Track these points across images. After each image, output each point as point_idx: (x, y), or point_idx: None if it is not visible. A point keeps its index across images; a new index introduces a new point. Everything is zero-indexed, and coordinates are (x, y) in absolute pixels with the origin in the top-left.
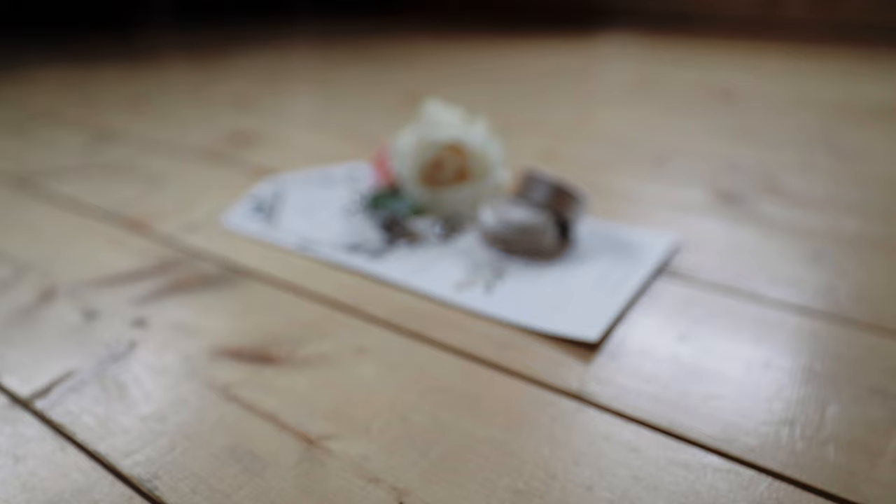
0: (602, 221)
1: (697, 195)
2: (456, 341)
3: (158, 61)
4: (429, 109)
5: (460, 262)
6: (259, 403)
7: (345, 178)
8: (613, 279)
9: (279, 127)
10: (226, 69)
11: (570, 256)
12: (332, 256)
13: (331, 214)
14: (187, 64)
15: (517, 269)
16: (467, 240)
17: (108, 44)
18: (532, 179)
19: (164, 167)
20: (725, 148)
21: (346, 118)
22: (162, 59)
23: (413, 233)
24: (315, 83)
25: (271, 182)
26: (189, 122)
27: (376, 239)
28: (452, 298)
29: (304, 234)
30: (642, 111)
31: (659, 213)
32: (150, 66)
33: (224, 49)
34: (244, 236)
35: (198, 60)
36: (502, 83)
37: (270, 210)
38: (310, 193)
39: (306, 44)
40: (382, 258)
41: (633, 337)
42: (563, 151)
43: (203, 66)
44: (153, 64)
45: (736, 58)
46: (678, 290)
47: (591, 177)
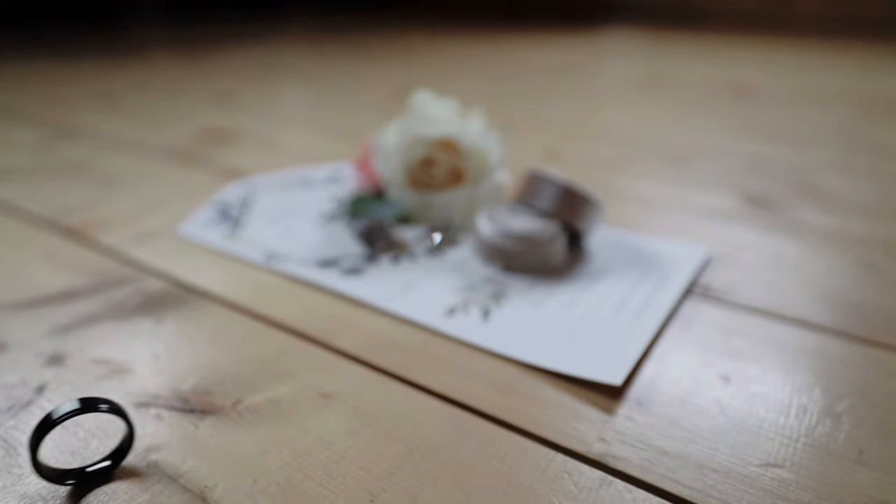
0: (617, 230)
1: (724, 199)
2: (445, 385)
3: (141, 57)
4: (418, 101)
5: (452, 280)
6: (187, 475)
7: (325, 180)
8: (637, 302)
9: (261, 125)
10: (211, 65)
11: (582, 273)
12: (301, 273)
13: (305, 223)
14: (171, 60)
15: (520, 289)
16: (461, 253)
17: (91, 39)
18: (537, 182)
19: (123, 168)
20: (749, 146)
21: (335, 115)
22: (145, 54)
23: (397, 244)
24: (304, 79)
25: (241, 185)
26: (163, 119)
27: (355, 252)
28: (441, 327)
29: (272, 246)
30: (653, 108)
31: (682, 221)
32: (130, 61)
33: (213, 45)
34: (202, 248)
35: (183, 56)
36: (501, 79)
37: (237, 218)
38: (284, 198)
39: (300, 39)
40: (360, 275)
41: (664, 377)
42: (568, 151)
43: (187, 61)
44: (134, 59)
45: (748, 52)
46: (713, 314)
47: (601, 179)
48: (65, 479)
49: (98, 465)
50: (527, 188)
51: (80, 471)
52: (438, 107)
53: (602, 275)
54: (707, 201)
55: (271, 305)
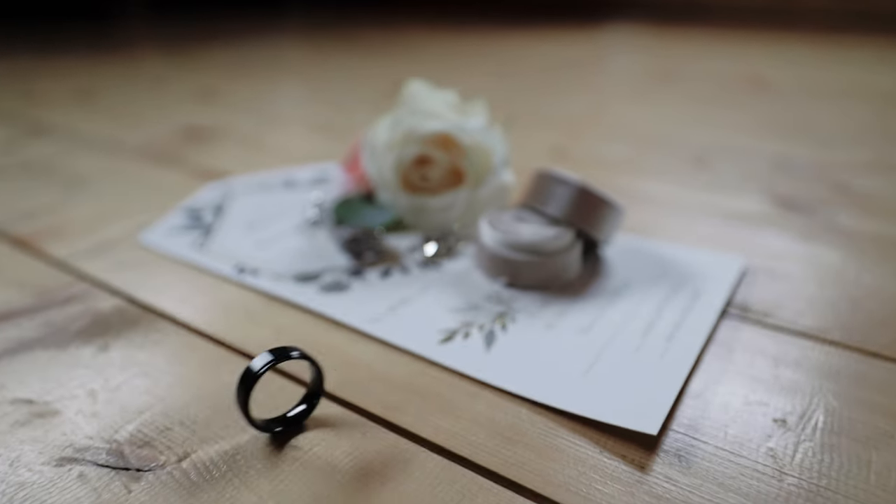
0: (636, 238)
1: (753, 202)
2: (438, 431)
3: (127, 53)
4: (411, 93)
5: (449, 298)
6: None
7: (310, 182)
8: (667, 325)
9: (247, 122)
10: (199, 61)
11: (601, 289)
12: (275, 289)
13: (285, 230)
14: (158, 56)
15: (529, 308)
16: (460, 266)
17: (76, 35)
18: (547, 183)
19: (91, 169)
20: (774, 144)
21: (328, 112)
22: (132, 51)
23: (387, 255)
24: (297, 75)
25: (217, 188)
26: (141, 116)
27: (338, 264)
28: (436, 356)
29: (245, 257)
30: (664, 104)
31: (707, 227)
32: (114, 58)
33: (204, 41)
34: (166, 260)
35: (171, 52)
36: (503, 76)
37: (209, 225)
38: (263, 202)
39: (295, 35)
40: (343, 292)
41: (707, 422)
42: (576, 149)
43: (175, 58)
44: (119, 56)
45: (759, 48)
46: (756, 339)
47: (614, 180)
48: (272, 427)
49: (297, 411)
50: (535, 190)
51: (283, 418)
52: (435, 99)
53: (624, 291)
54: (734, 205)
55: (238, 328)
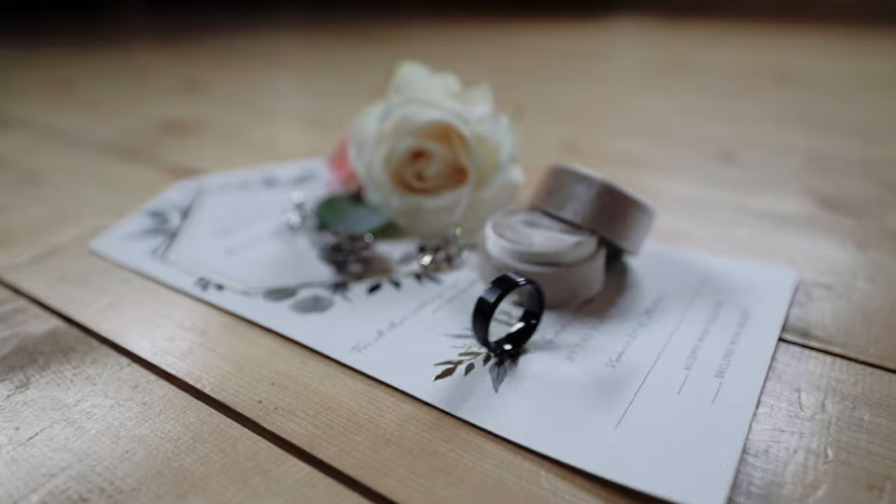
0: (665, 245)
1: (792, 203)
2: (433, 500)
3: (114, 44)
4: (406, 77)
5: (449, 320)
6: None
7: (293, 180)
8: (714, 355)
9: (231, 115)
10: (187, 51)
11: (629, 308)
12: (242, 309)
13: (260, 236)
14: (146, 46)
15: (545, 334)
16: (461, 279)
17: (65, 26)
18: (564, 181)
19: (50, 165)
20: (806, 138)
21: (318, 105)
22: (120, 42)
23: (375, 266)
24: (289, 66)
25: (188, 187)
26: (117, 108)
27: (318, 276)
28: (431, 396)
29: (212, 269)
30: (680, 95)
31: (743, 232)
32: (100, 48)
33: (195, 32)
34: (120, 272)
35: (160, 42)
36: (507, 68)
37: (174, 229)
38: (238, 203)
39: (291, 26)
40: (321, 311)
41: (782, 489)
42: (588, 144)
43: (163, 47)
44: (105, 46)
45: (774, 39)
46: (823, 374)
47: (632, 177)
48: (501, 346)
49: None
50: (549, 190)
51: (509, 337)
52: (432, 84)
53: (657, 311)
54: (771, 206)
55: (192, 360)
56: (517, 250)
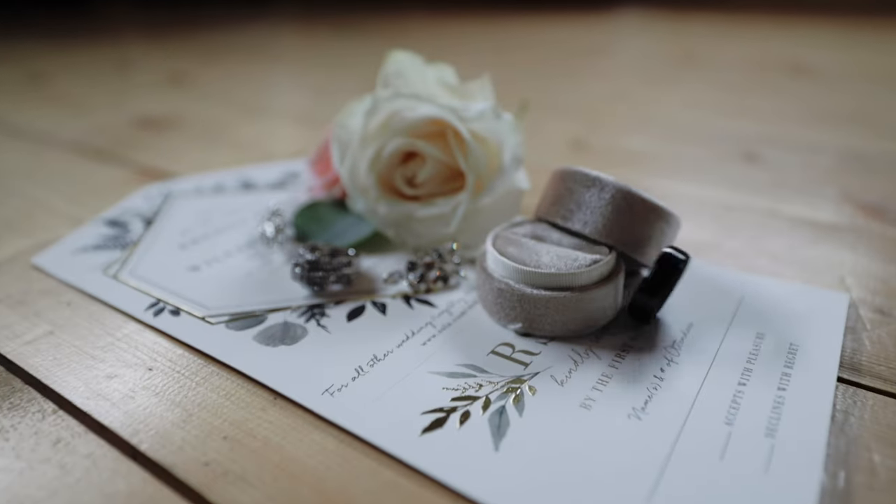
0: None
1: (829, 209)
2: None
3: (98, 36)
4: (396, 67)
5: (441, 354)
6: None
7: (272, 184)
8: (762, 405)
9: (214, 111)
10: (174, 44)
11: (654, 340)
12: (198, 339)
13: (230, 248)
14: (132, 38)
15: (555, 372)
16: (457, 302)
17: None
18: (574, 186)
19: (6, 166)
20: (834, 137)
21: (310, 101)
22: (106, 33)
23: (357, 285)
24: (281, 60)
25: (155, 192)
26: (93, 103)
27: (291, 297)
28: (418, 457)
29: (169, 288)
30: (694, 90)
31: (777, 243)
32: (82, 40)
33: (186, 24)
34: (65, 292)
35: (148, 35)
36: (510, 63)
37: (133, 241)
38: (210, 211)
39: (287, 19)
40: (293, 344)
41: None
42: (597, 142)
43: (150, 40)
44: (89, 38)
45: (791, 31)
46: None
47: (647, 180)
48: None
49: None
50: (558, 197)
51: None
52: (426, 76)
53: (686, 344)
54: (805, 213)
55: (132, 405)
56: (522, 270)
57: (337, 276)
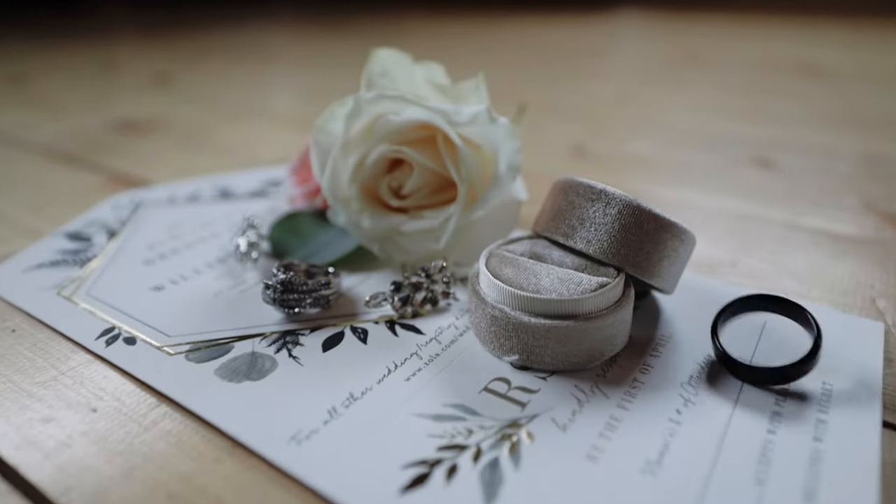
0: (702, 279)
1: (853, 222)
2: None
3: (82, 37)
4: (380, 65)
5: (426, 392)
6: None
7: (252, 193)
8: (798, 458)
9: (198, 114)
10: (162, 45)
11: (668, 375)
12: (152, 373)
13: (200, 265)
14: (118, 40)
15: (556, 415)
16: (448, 326)
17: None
18: (573, 198)
19: None
20: (852, 141)
21: (301, 102)
22: (90, 34)
23: (336, 307)
24: (274, 60)
25: (127, 200)
26: (72, 105)
27: (260, 323)
28: None
29: (128, 311)
30: (700, 92)
31: (801, 260)
32: (67, 40)
33: (177, 24)
34: (14, 314)
35: (136, 36)
36: (508, 64)
37: (95, 257)
38: (181, 222)
39: (282, 20)
40: (259, 379)
41: None
42: (599, 147)
43: (137, 41)
44: (72, 39)
45: (795, 29)
46: None
47: (655, 189)
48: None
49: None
50: (556, 211)
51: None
52: (414, 75)
53: (705, 380)
54: (828, 225)
55: (66, 456)
56: (519, 296)
57: (314, 298)
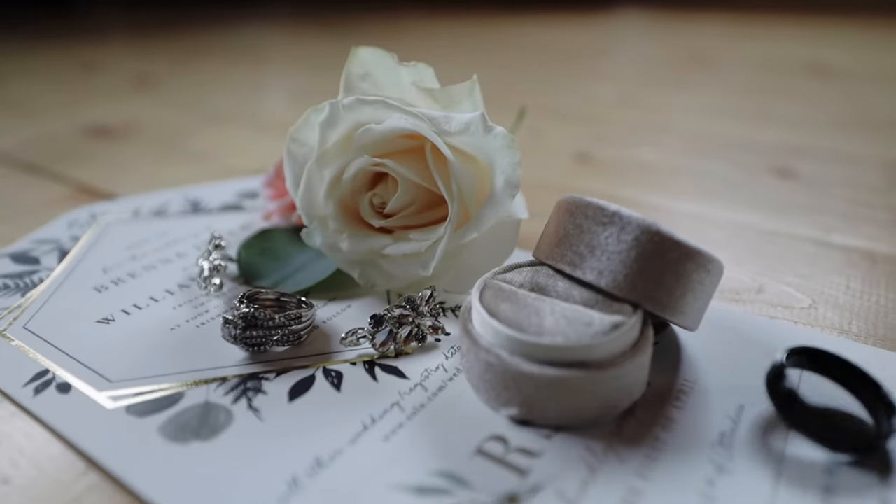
0: (729, 306)
1: (888, 238)
2: None
3: (65, 37)
4: (361, 66)
5: (410, 453)
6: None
7: (225, 207)
8: None
9: (177, 119)
10: (148, 46)
11: (693, 430)
12: (83, 430)
13: (158, 291)
14: (106, 40)
15: (563, 483)
16: (436, 367)
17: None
18: (581, 221)
19: None
20: (878, 147)
21: (283, 106)
22: (74, 35)
23: (308, 344)
24: (265, 61)
25: (85, 216)
26: (41, 110)
27: (224, 364)
28: None
29: (68, 348)
30: (709, 94)
31: (842, 285)
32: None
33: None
34: None
35: (124, 36)
36: (507, 65)
37: (38, 283)
38: (143, 241)
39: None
40: (210, 438)
41: None
42: (604, 153)
43: (122, 42)
44: (53, 40)
45: (801, 29)
46: None
47: (667, 201)
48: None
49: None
50: (561, 236)
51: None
52: (399, 78)
53: (739, 437)
54: (861, 243)
55: None
56: (519, 340)
57: (282, 334)
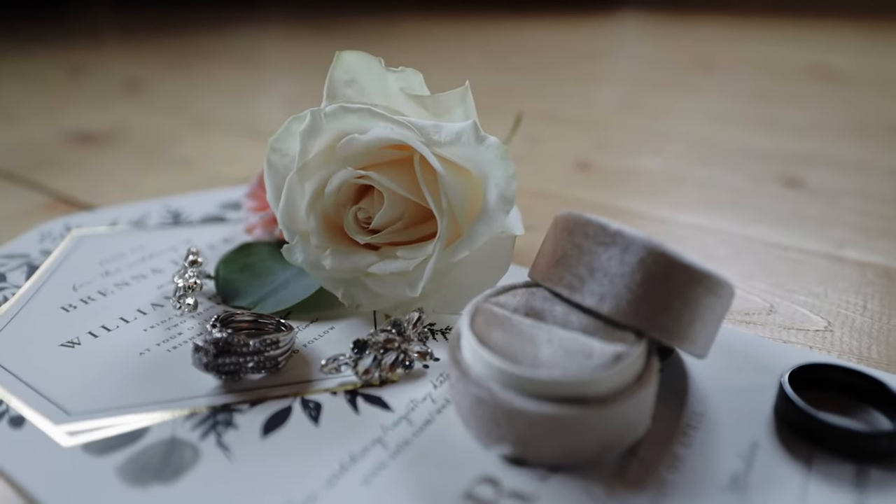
0: (739, 328)
1: None
2: None
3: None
4: (346, 72)
5: (392, 495)
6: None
7: (207, 218)
8: None
9: (160, 124)
10: (138, 50)
11: (703, 469)
12: (33, 471)
13: (130, 311)
14: (98, 43)
15: None
16: (423, 398)
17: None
18: (580, 241)
19: None
20: (885, 154)
21: (274, 111)
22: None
23: (285, 372)
24: (258, 65)
25: (57, 231)
26: (23, 116)
27: (195, 394)
28: None
29: (24, 378)
30: (713, 99)
31: (852, 306)
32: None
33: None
34: None
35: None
36: (505, 70)
37: (4, 300)
38: (116, 256)
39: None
40: (171, 478)
41: None
42: (605, 161)
43: (113, 46)
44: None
45: (806, 32)
46: None
47: (670, 213)
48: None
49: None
50: (559, 256)
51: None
52: (386, 84)
53: (753, 477)
54: (878, 259)
55: None
56: (512, 373)
57: (257, 361)
